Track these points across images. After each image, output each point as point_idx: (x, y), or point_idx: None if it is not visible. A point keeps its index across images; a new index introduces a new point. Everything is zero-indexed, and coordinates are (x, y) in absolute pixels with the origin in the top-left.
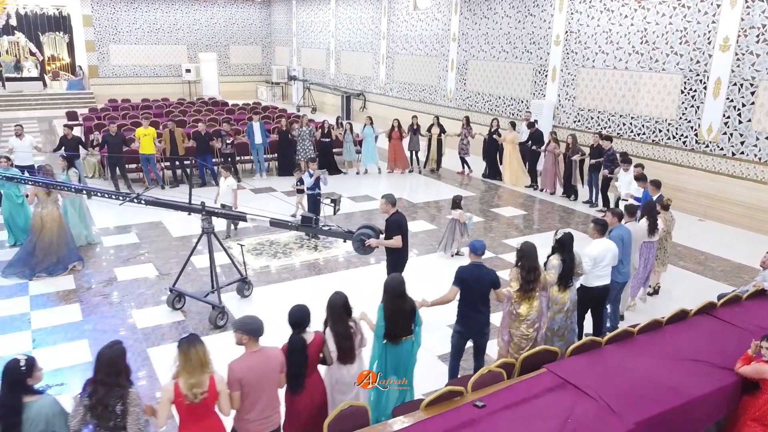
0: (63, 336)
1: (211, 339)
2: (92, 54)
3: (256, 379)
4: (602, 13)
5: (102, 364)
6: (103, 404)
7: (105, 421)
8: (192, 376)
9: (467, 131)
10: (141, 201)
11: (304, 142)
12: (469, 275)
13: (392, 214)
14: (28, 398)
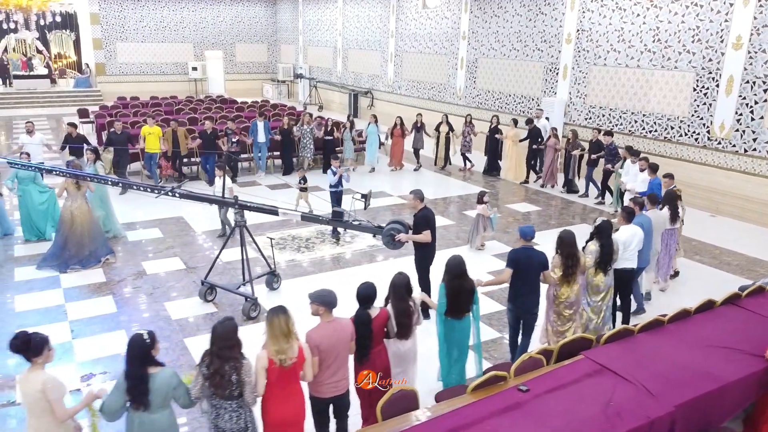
0: (100, 327)
1: (243, 330)
2: (99, 52)
3: (331, 346)
4: (614, 12)
5: (216, 338)
6: (220, 374)
7: (222, 389)
8: (276, 344)
9: (470, 129)
10: (176, 194)
11: (305, 140)
12: (521, 257)
13: (420, 210)
14: (152, 369)
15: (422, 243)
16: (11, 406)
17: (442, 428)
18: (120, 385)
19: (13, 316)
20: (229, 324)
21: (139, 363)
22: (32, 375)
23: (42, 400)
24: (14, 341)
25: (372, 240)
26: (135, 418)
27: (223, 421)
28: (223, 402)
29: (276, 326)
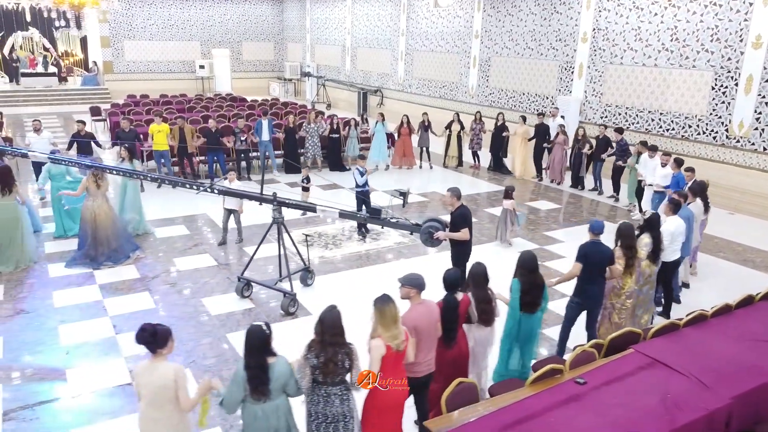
0: (141, 322)
1: (283, 326)
2: (107, 50)
3: (425, 327)
4: (631, 11)
5: (327, 326)
6: (333, 362)
7: (333, 376)
8: (389, 330)
9: (480, 126)
10: (215, 190)
11: (312, 139)
12: (591, 251)
13: (458, 207)
14: (270, 359)
15: (459, 240)
16: (65, 400)
17: (507, 419)
18: (239, 377)
19: (54, 311)
20: (336, 312)
21: (258, 353)
22: (160, 365)
23: (170, 390)
24: (142, 333)
25: (398, 237)
26: (256, 410)
27: (333, 407)
28: (332, 388)
29: (388, 314)
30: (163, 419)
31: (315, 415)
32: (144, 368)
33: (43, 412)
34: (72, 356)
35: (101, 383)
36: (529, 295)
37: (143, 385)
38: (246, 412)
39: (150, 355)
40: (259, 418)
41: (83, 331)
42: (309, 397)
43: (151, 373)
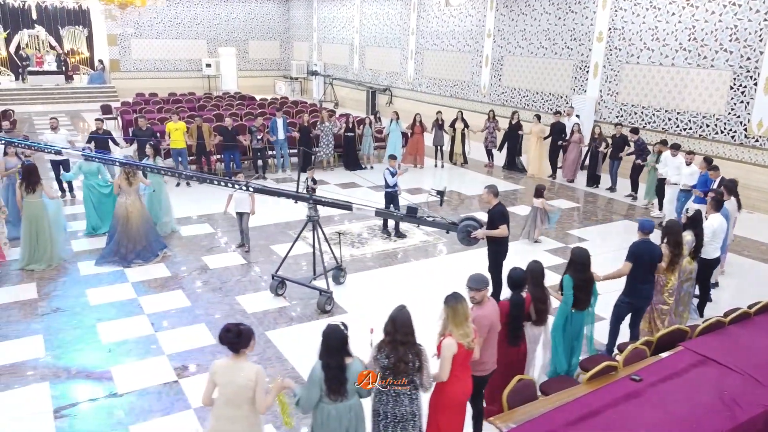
0: (178, 320)
1: (319, 324)
2: (114, 48)
3: (493, 325)
4: (648, 11)
5: (398, 326)
6: (404, 361)
7: (402, 375)
8: (461, 328)
9: (494, 125)
10: (250, 188)
11: (327, 137)
12: (642, 251)
13: (495, 205)
14: (347, 359)
15: (497, 238)
16: (114, 398)
17: (570, 416)
18: (316, 377)
19: (90, 309)
20: (406, 311)
21: (337, 353)
22: (243, 365)
23: (250, 390)
24: (227, 334)
25: (423, 235)
26: (330, 409)
27: (402, 406)
28: (401, 388)
29: (460, 312)
30: (240, 418)
31: (383, 415)
32: (225, 367)
33: (94, 410)
34: (114, 354)
35: (148, 381)
36: (581, 292)
37: (223, 383)
38: (320, 412)
39: (230, 354)
40: (332, 418)
41: (122, 329)
42: (378, 396)
43: (233, 372)
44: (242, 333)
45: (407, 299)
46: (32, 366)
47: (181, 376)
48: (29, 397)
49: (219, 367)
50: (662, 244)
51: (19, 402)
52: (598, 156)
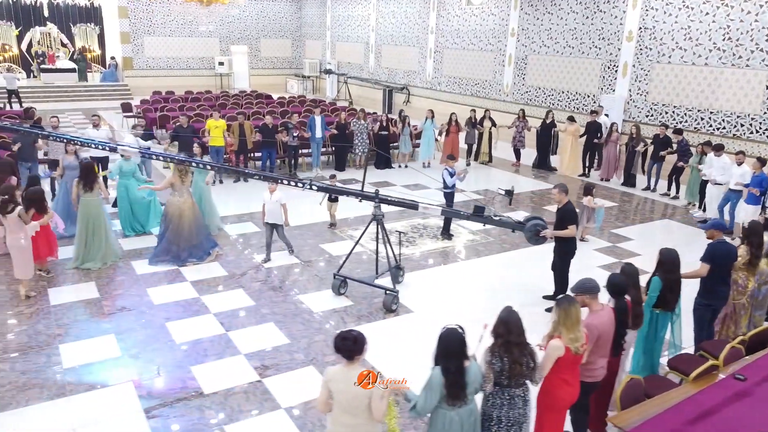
0: (247, 320)
1: (387, 323)
2: (127, 46)
3: (606, 332)
4: (680, 10)
5: (512, 327)
6: (519, 363)
7: (517, 378)
8: (572, 332)
9: (523, 124)
10: (313, 187)
11: (361, 135)
12: (720, 251)
13: (565, 204)
14: (466, 362)
15: (565, 237)
16: (201, 397)
17: (686, 416)
18: (436, 381)
19: (156, 308)
20: (515, 313)
21: (457, 357)
22: (358, 372)
23: (365, 398)
24: (345, 342)
25: (470, 234)
26: (451, 415)
27: (516, 409)
28: (515, 390)
29: (573, 315)
30: (358, 427)
31: (496, 419)
32: (340, 374)
33: (185, 410)
34: (191, 354)
35: (231, 381)
36: (670, 293)
37: (339, 391)
38: (440, 418)
39: (344, 361)
40: (455, 423)
41: (193, 329)
42: (491, 400)
43: (349, 380)
44: (357, 340)
45: (469, 297)
46: (111, 366)
47: (263, 376)
48: (116, 398)
49: (333, 374)
50: (741, 245)
51: (107, 402)
52: (635, 155)
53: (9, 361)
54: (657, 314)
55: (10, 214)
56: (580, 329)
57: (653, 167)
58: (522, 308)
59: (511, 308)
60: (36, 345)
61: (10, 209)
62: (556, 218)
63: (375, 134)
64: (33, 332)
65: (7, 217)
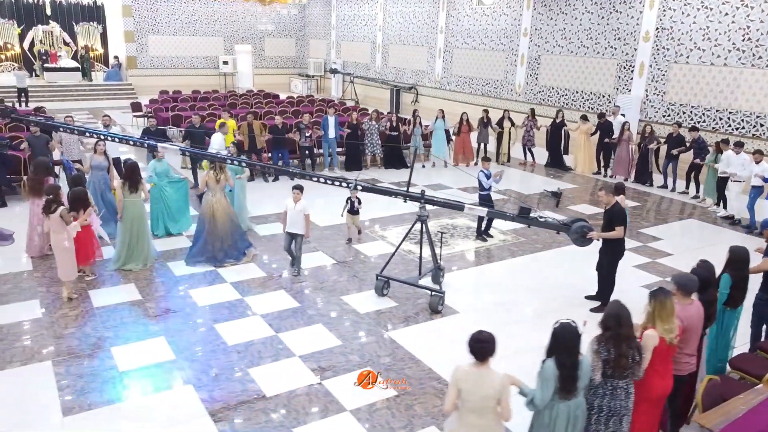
0: (295, 321)
1: (435, 324)
2: (131, 45)
3: (694, 326)
4: (699, 11)
5: (623, 320)
6: (626, 356)
7: (621, 370)
8: (666, 323)
9: (533, 123)
10: (358, 187)
11: (372, 136)
12: None
13: (613, 205)
14: (579, 356)
15: (614, 238)
16: (264, 400)
17: None
18: (550, 375)
19: (201, 310)
20: (625, 307)
21: (572, 352)
22: (489, 373)
23: (494, 399)
24: (480, 343)
25: (502, 235)
26: (561, 407)
27: (618, 400)
28: (619, 382)
29: (668, 306)
30: (485, 427)
31: (598, 409)
32: (469, 374)
33: (251, 413)
34: (246, 356)
35: (291, 383)
36: (739, 290)
37: (468, 391)
38: (546, 410)
39: (473, 361)
40: (562, 415)
41: (243, 331)
42: (594, 390)
43: (479, 380)
44: (491, 341)
45: (511, 297)
46: (168, 369)
47: (323, 378)
48: (178, 401)
49: (464, 374)
50: None
51: (170, 405)
52: (648, 154)
53: (63, 364)
54: (725, 312)
55: (53, 214)
56: (674, 321)
57: (668, 166)
58: (566, 309)
59: (620, 302)
60: (87, 348)
61: (53, 209)
62: (604, 219)
63: (385, 134)
64: (81, 335)
65: (50, 217)
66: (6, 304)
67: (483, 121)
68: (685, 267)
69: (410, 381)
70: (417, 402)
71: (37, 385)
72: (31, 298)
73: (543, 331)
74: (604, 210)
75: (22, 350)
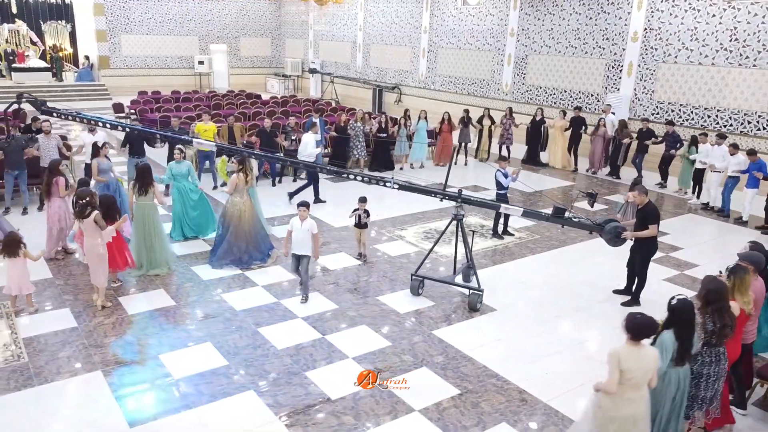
0: (338, 323)
1: (476, 322)
2: (103, 44)
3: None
4: (687, 12)
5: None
6: (729, 326)
7: (724, 339)
8: (744, 296)
9: (511, 121)
10: (395, 186)
11: (358, 138)
12: None
13: (646, 204)
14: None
15: (648, 237)
16: (329, 403)
17: None
18: (669, 344)
19: (241, 314)
20: (720, 280)
21: (690, 325)
22: (646, 350)
23: (652, 371)
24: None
25: (516, 232)
26: (672, 374)
27: (720, 366)
28: (720, 349)
29: (746, 281)
30: (640, 399)
31: (705, 376)
32: (631, 354)
33: (320, 416)
34: (299, 359)
35: (353, 386)
36: None
37: (631, 369)
38: (661, 378)
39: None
40: (671, 381)
41: (289, 334)
42: (699, 359)
43: (640, 358)
44: (653, 324)
45: (543, 294)
46: (224, 375)
47: (382, 379)
48: (243, 407)
49: (626, 355)
50: None
51: (236, 411)
52: (621, 148)
53: (114, 374)
54: None
55: (87, 219)
56: (750, 294)
57: (636, 159)
58: (594, 304)
59: (715, 277)
60: (133, 356)
61: (87, 213)
62: (637, 219)
63: (374, 136)
64: (124, 343)
65: (84, 221)
66: (35, 313)
67: (464, 120)
68: (701, 260)
69: (469, 379)
70: (482, 400)
71: (93, 396)
72: (60, 306)
73: (585, 325)
74: (637, 209)
75: (68, 361)
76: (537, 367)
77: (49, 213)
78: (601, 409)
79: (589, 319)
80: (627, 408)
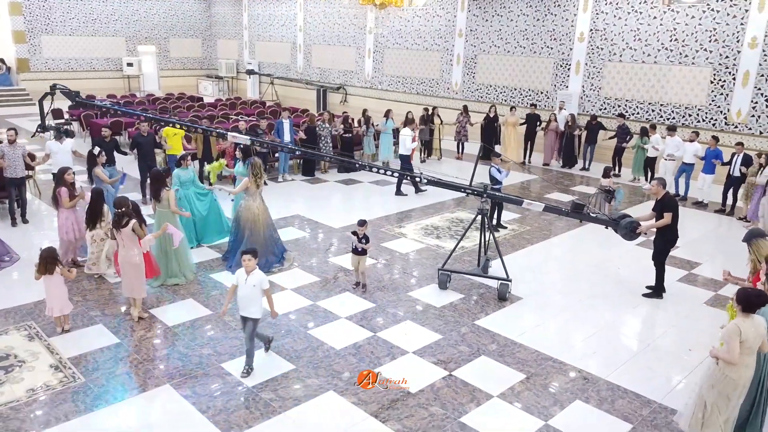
0: (384, 321)
1: (510, 311)
2: (22, 46)
3: None
4: (629, 14)
5: None
6: None
7: None
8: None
9: (467, 119)
10: (424, 180)
11: (326, 139)
12: None
13: (663, 195)
14: None
15: (664, 227)
16: (411, 396)
17: None
18: None
19: (283, 318)
20: None
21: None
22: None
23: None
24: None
25: (513, 225)
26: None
27: None
28: None
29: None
30: (755, 361)
31: None
32: (747, 325)
33: (409, 409)
34: (363, 358)
35: (426, 379)
36: None
37: (750, 338)
38: None
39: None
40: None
41: (341, 334)
42: None
43: (754, 327)
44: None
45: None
46: (297, 378)
47: (450, 370)
48: (330, 408)
49: (745, 327)
50: None
51: (324, 412)
52: (573, 140)
53: (186, 387)
54: None
55: (125, 228)
56: None
57: (587, 149)
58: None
59: None
60: (196, 367)
61: (125, 223)
62: (656, 211)
63: (341, 137)
64: (179, 355)
65: (121, 231)
66: (67, 332)
67: (423, 118)
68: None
69: (528, 363)
70: (548, 381)
71: (174, 409)
72: (90, 323)
73: (608, 307)
74: (655, 201)
75: (129, 377)
76: (584, 347)
77: (58, 225)
78: (728, 377)
79: (609, 300)
80: (747, 372)
